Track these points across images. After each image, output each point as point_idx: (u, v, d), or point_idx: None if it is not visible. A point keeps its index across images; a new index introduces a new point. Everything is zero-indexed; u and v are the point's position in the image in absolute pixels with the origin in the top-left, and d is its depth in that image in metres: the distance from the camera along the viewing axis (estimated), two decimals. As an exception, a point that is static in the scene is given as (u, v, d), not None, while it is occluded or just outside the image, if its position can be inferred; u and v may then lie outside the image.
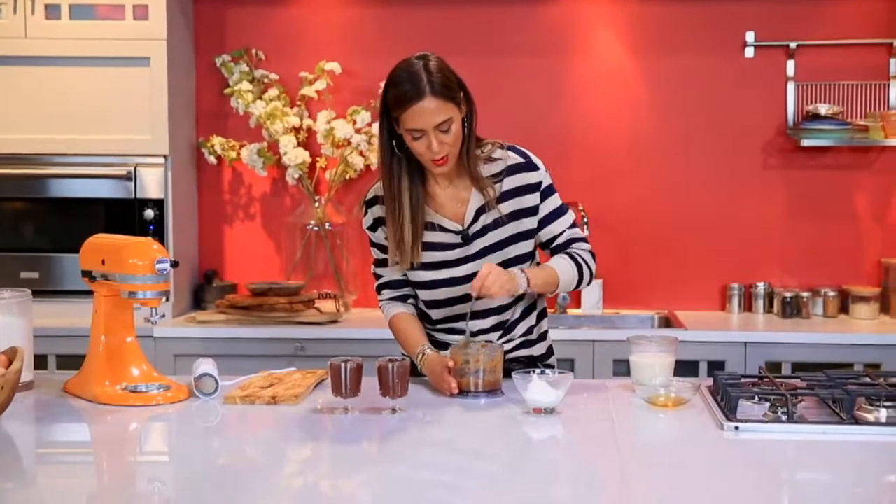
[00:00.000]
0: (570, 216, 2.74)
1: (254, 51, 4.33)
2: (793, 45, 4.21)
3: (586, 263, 2.70)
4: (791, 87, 4.23)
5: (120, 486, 1.98)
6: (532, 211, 2.66)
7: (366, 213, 2.71)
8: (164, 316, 2.62)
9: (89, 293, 2.59)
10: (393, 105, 2.53)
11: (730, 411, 2.26)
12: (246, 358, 3.74)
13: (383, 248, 2.71)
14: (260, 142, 4.24)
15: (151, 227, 4.03)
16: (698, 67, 4.28)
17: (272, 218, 4.41)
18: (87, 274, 2.56)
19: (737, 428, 2.19)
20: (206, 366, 2.52)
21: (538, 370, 2.43)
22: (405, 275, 2.72)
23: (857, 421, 2.22)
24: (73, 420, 2.42)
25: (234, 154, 4.26)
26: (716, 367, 3.72)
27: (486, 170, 2.63)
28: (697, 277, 4.31)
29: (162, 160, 4.04)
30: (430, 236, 2.65)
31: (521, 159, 2.67)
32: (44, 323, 3.06)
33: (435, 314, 2.74)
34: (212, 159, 4.28)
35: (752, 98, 4.26)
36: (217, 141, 4.26)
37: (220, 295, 4.21)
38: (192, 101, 4.35)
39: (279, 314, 3.97)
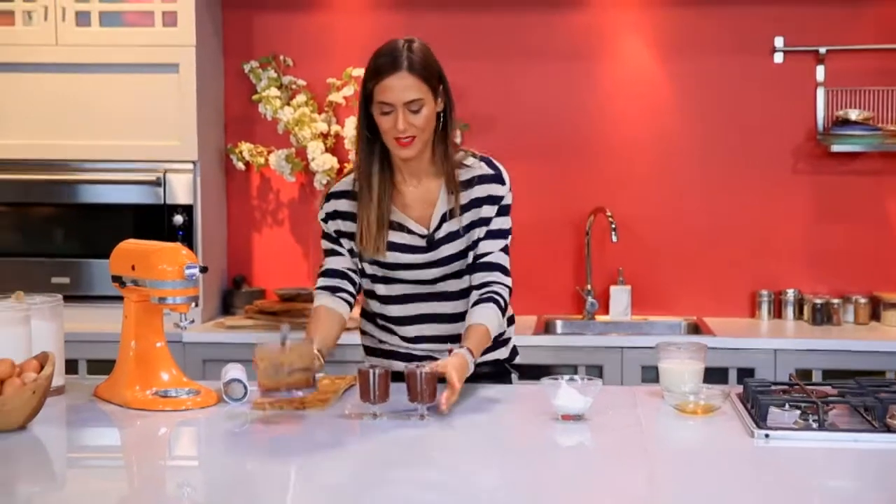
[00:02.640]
0: (506, 241, 2.68)
1: (282, 57, 4.35)
2: (822, 49, 4.18)
3: (506, 307, 2.64)
4: (821, 92, 4.20)
5: (149, 490, 1.98)
6: (484, 222, 2.64)
7: (323, 206, 2.71)
8: (193, 321, 2.63)
9: (119, 298, 2.61)
10: (369, 77, 2.53)
11: (760, 419, 2.25)
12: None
13: (331, 239, 2.71)
14: (288, 148, 4.26)
15: (180, 233, 4.04)
16: (727, 72, 4.25)
17: (300, 223, 4.42)
18: (117, 279, 2.57)
19: (767, 435, 2.18)
20: (235, 371, 2.52)
21: (567, 377, 2.42)
22: (352, 268, 2.70)
23: (888, 429, 2.20)
24: (104, 424, 2.43)
25: (262, 160, 4.28)
26: (745, 374, 3.70)
27: (458, 176, 2.63)
28: (726, 284, 4.29)
29: (191, 166, 4.06)
30: (396, 236, 2.64)
31: (491, 171, 2.66)
32: (74, 328, 3.08)
33: (397, 311, 2.72)
34: (240, 165, 4.29)
35: (781, 103, 4.24)
36: (245, 147, 4.28)
37: (248, 300, 4.23)
38: (221, 108, 4.37)
39: (307, 320, 3.97)
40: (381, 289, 2.72)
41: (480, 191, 2.63)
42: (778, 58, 4.23)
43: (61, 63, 4.03)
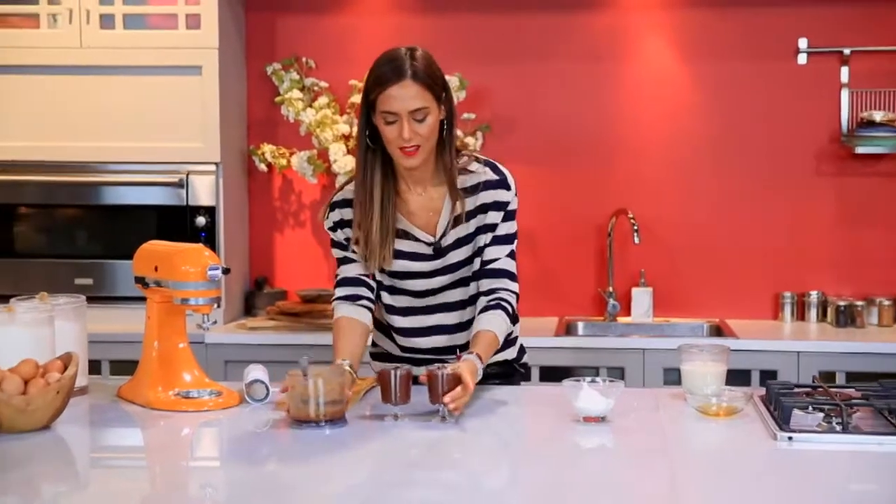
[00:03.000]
0: (512, 247, 2.67)
1: (304, 59, 4.36)
2: (847, 51, 4.16)
3: (513, 313, 2.65)
4: (845, 93, 4.17)
5: (171, 490, 1.99)
6: (490, 228, 2.62)
7: (327, 215, 2.69)
8: (215, 322, 2.64)
9: (142, 299, 2.62)
10: (371, 87, 2.49)
11: (783, 421, 2.23)
12: (296, 364, 3.75)
13: (343, 247, 2.68)
14: (310, 149, 4.27)
15: (203, 234, 4.06)
16: (750, 74, 4.24)
17: (321, 225, 4.40)
18: (140, 280, 2.58)
19: (790, 438, 2.17)
20: (257, 372, 2.53)
21: (588, 378, 2.41)
22: (365, 273, 2.68)
23: (913, 432, 2.19)
24: (126, 425, 2.45)
25: (284, 161, 4.29)
26: (768, 376, 3.68)
27: (461, 181, 2.60)
28: (749, 285, 4.27)
29: (213, 168, 4.08)
30: (402, 245, 2.62)
31: (496, 176, 2.63)
32: (98, 329, 3.09)
33: (402, 321, 2.72)
34: (262, 167, 4.31)
35: (804, 105, 4.22)
36: (267, 148, 4.29)
37: (270, 301, 4.24)
38: (244, 109, 4.38)
39: (329, 321, 3.95)
40: (385, 297, 2.72)
41: (486, 196, 2.61)
42: (801, 59, 4.21)
43: (85, 66, 4.05)
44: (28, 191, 4.13)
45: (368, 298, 2.69)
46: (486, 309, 2.60)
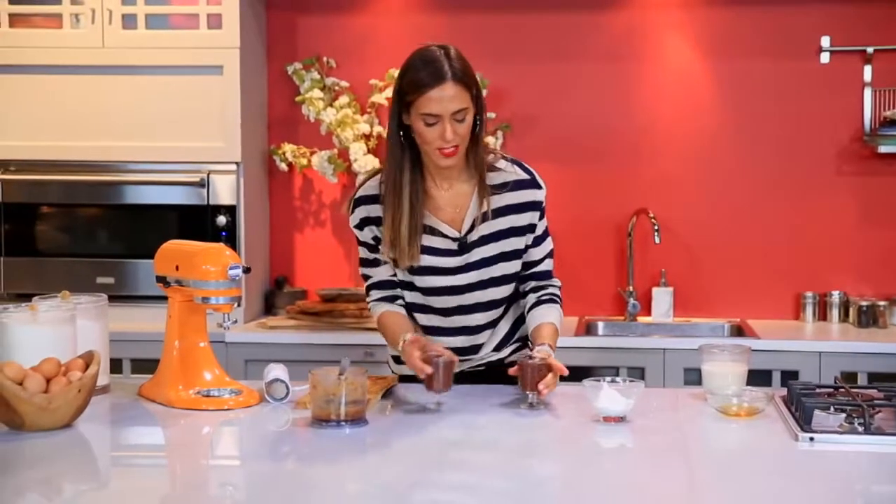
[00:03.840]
0: (550, 242, 2.71)
1: (325, 58, 4.36)
2: (870, 49, 4.13)
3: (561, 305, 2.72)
4: (868, 92, 4.15)
5: (192, 489, 2.00)
6: (528, 229, 2.64)
7: (352, 211, 2.68)
8: (235, 321, 2.66)
9: (163, 298, 2.63)
10: (409, 89, 2.49)
11: (804, 422, 2.22)
12: (316, 363, 3.74)
13: (371, 248, 2.67)
14: (330, 149, 4.27)
15: (224, 234, 4.07)
16: (772, 73, 4.22)
17: (342, 224, 4.43)
18: (162, 279, 2.60)
19: (812, 439, 2.16)
20: (277, 371, 2.54)
21: (608, 378, 2.41)
22: (395, 274, 2.69)
23: (936, 433, 2.17)
24: (147, 423, 2.46)
25: (304, 161, 4.30)
26: (789, 376, 3.66)
27: (489, 178, 2.61)
28: (770, 285, 4.25)
29: (234, 167, 4.09)
30: (428, 240, 2.62)
31: (526, 176, 2.64)
32: (119, 327, 3.11)
33: (423, 319, 2.72)
34: (283, 166, 4.32)
35: (827, 104, 4.19)
36: (288, 148, 4.30)
37: (290, 301, 4.25)
38: (264, 109, 4.40)
39: (349, 320, 3.99)
40: (408, 296, 2.72)
41: (516, 197, 2.62)
42: (824, 58, 4.19)
43: (108, 65, 4.07)
44: (50, 190, 4.15)
45: (403, 299, 2.71)
46: (540, 302, 2.66)
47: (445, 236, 2.62)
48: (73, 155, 4.11)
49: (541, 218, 2.66)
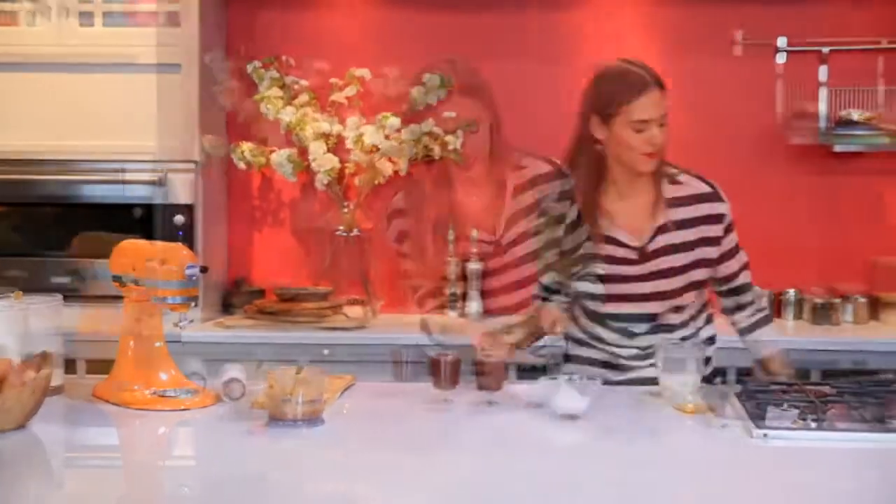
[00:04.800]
0: (744, 255, 2.82)
1: (284, 57, 4.34)
2: (825, 49, 4.17)
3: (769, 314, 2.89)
4: (823, 91, 4.19)
5: (148, 490, 1.99)
6: (714, 241, 2.73)
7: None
8: (192, 321, 2.64)
9: (119, 298, 2.61)
10: (617, 98, 2.60)
11: (759, 418, 2.25)
12: (273, 363, 3.73)
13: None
14: (290, 148, 4.26)
15: (181, 233, 4.04)
16: (729, 71, 4.24)
17: (300, 223, 4.42)
18: (117, 279, 2.58)
19: (766, 435, 2.18)
20: (234, 371, 2.53)
21: (566, 376, 2.43)
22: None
23: (886, 428, 2.20)
24: (102, 424, 2.44)
25: (263, 160, 4.28)
26: (744, 373, 3.69)
27: (671, 191, 2.66)
28: (727, 284, 4.28)
29: (192, 166, 4.07)
30: (606, 249, 2.67)
31: (708, 189, 2.75)
32: (74, 327, 3.08)
33: (602, 332, 2.79)
34: (241, 165, 4.29)
35: (783, 103, 4.23)
36: (247, 147, 4.28)
37: (248, 300, 4.23)
38: (223, 108, 4.36)
39: (307, 319, 3.98)
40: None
41: (699, 210, 2.71)
42: (780, 58, 4.23)
43: (64, 63, 4.03)
44: (4, 188, 4.10)
45: None
46: (759, 323, 2.89)
47: (626, 246, 2.68)
48: (29, 153, 4.06)
49: (727, 232, 2.75)
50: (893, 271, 4.13)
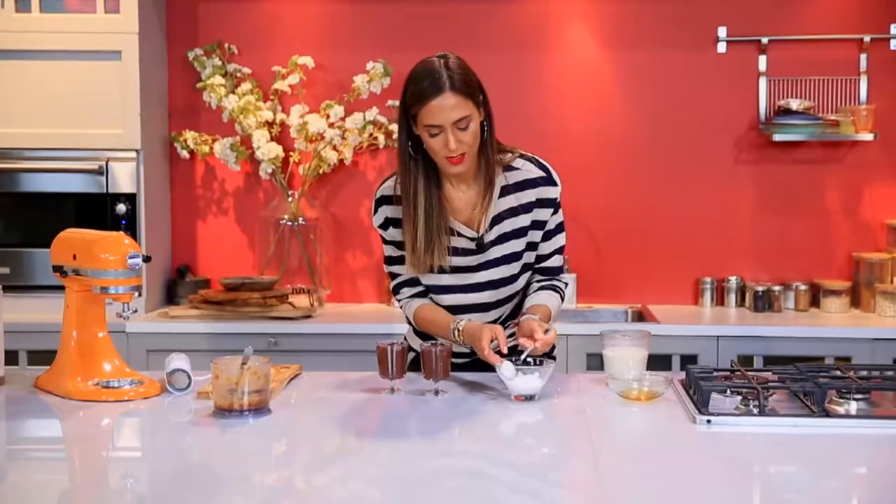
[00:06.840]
0: (562, 239, 2.75)
1: (226, 45, 4.31)
2: (765, 40, 4.23)
3: (562, 302, 2.77)
4: (763, 82, 4.25)
5: (92, 482, 1.96)
6: (541, 224, 2.68)
7: (376, 211, 2.69)
8: (136, 311, 2.61)
9: (61, 288, 2.57)
10: (411, 102, 2.51)
11: (702, 405, 2.27)
12: (219, 353, 3.71)
13: (398, 245, 2.69)
14: (233, 136, 4.23)
15: (123, 222, 4.00)
16: (671, 63, 4.29)
17: (245, 212, 4.40)
18: (59, 269, 2.54)
19: (709, 421, 2.21)
20: (179, 361, 2.51)
21: (521, 357, 2.45)
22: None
23: (827, 414, 2.24)
24: (45, 416, 2.41)
25: (206, 148, 4.24)
26: (688, 360, 3.75)
27: (505, 178, 2.64)
28: (670, 272, 4.34)
29: (134, 154, 4.02)
30: (453, 241, 2.64)
31: (542, 173, 2.68)
32: (14, 318, 3.04)
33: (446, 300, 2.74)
34: (184, 154, 4.25)
35: (724, 93, 4.29)
36: (189, 135, 4.24)
37: (192, 290, 4.20)
38: (165, 96, 4.33)
39: (252, 309, 3.96)
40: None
41: (533, 194, 2.65)
42: (721, 48, 4.28)
43: (1, 50, 3.96)
44: (-58, 178, 4.04)
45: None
46: (542, 288, 2.71)
47: (463, 236, 2.64)
48: (-34, 141, 4.00)
49: (554, 213, 2.69)
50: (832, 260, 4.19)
